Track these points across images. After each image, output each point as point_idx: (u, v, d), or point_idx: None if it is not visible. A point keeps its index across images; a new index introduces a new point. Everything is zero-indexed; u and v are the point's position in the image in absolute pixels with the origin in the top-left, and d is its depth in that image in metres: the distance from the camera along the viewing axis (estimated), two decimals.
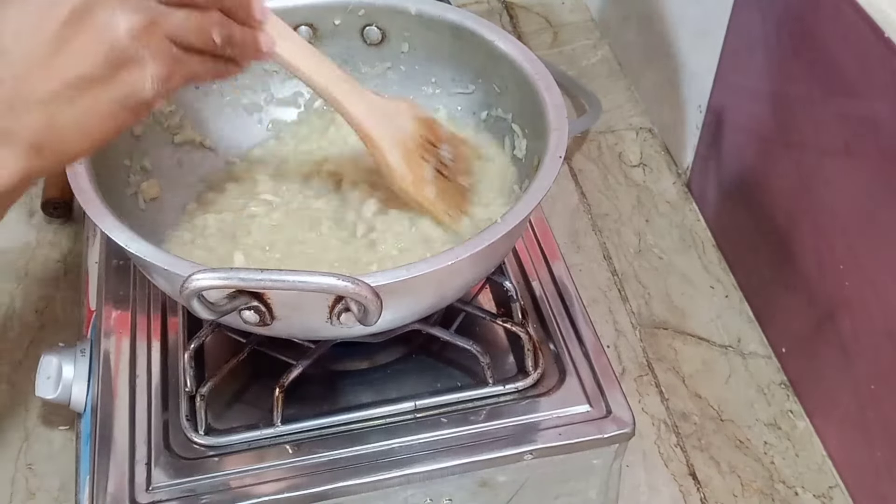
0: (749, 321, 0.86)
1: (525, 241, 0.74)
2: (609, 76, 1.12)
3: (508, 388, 0.65)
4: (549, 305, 0.70)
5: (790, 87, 0.75)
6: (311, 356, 0.63)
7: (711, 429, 0.79)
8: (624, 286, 0.89)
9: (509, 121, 0.70)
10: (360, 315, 0.52)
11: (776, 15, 0.76)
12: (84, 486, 0.61)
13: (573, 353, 0.67)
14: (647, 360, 0.83)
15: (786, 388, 0.81)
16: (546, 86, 0.65)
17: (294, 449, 0.61)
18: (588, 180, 1.00)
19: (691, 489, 0.75)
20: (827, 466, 0.76)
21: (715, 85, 0.89)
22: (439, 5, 0.71)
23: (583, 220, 0.96)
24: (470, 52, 0.71)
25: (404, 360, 0.68)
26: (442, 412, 0.63)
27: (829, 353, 0.75)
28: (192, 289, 0.49)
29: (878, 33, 0.62)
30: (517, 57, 0.68)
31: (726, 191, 0.91)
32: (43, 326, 0.84)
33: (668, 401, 0.81)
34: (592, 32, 1.19)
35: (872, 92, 0.65)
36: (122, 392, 0.64)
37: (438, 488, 0.62)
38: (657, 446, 0.78)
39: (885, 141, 0.64)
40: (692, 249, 0.93)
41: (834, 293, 0.72)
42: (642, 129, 1.05)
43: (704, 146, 0.94)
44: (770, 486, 0.75)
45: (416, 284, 0.54)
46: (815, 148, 0.73)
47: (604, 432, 0.62)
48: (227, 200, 0.70)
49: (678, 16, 0.96)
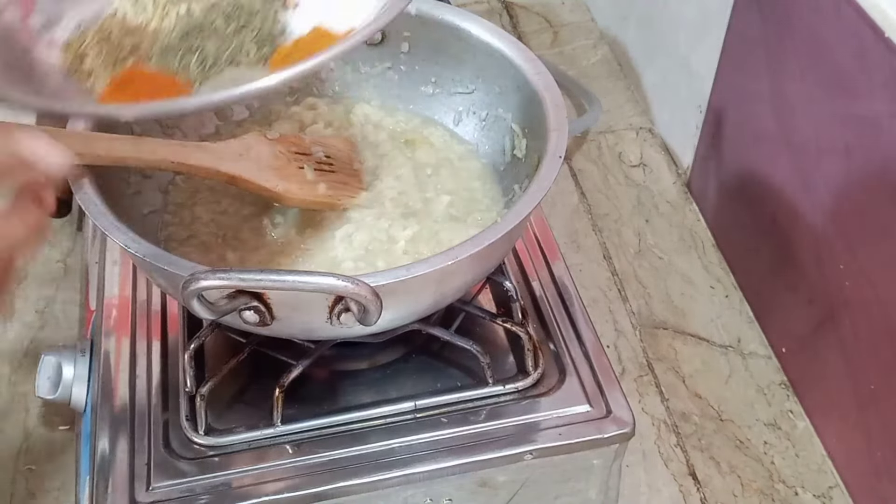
0: (749, 321, 0.86)
1: (525, 241, 0.74)
2: (609, 76, 1.12)
3: (508, 388, 0.65)
4: (549, 305, 0.70)
5: (790, 87, 0.75)
6: (311, 356, 0.63)
7: (711, 429, 0.79)
8: (624, 286, 0.89)
9: (509, 121, 0.70)
10: (360, 315, 0.52)
11: (776, 15, 0.76)
12: (84, 486, 0.61)
13: (573, 353, 0.67)
14: (647, 360, 0.83)
15: (786, 388, 0.81)
16: (546, 86, 0.65)
17: (294, 449, 0.61)
18: (588, 180, 1.00)
19: (691, 489, 0.75)
20: (827, 466, 0.76)
21: (715, 85, 0.89)
22: (439, 5, 0.71)
23: (583, 220, 0.96)
24: (470, 52, 0.70)
25: (404, 360, 0.68)
26: (442, 412, 0.63)
27: (829, 353, 0.75)
28: (192, 289, 0.49)
29: (878, 33, 0.62)
30: (517, 57, 0.68)
31: (726, 191, 0.91)
32: (43, 326, 0.84)
33: (668, 401, 0.81)
34: (592, 32, 1.19)
35: (872, 92, 0.65)
36: (122, 392, 0.64)
37: (438, 488, 0.62)
38: (657, 446, 0.78)
39: (885, 141, 0.64)
40: (692, 249, 0.93)
41: (834, 293, 0.72)
42: (642, 129, 1.05)
43: (704, 146, 0.94)
44: (770, 486, 0.75)
45: (416, 284, 0.54)
46: (815, 148, 0.73)
47: (604, 432, 0.62)
48: (227, 200, 0.70)
49: (678, 16, 0.96)
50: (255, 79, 0.51)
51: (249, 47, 0.57)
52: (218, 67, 0.56)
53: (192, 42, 0.57)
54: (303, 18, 0.58)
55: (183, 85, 0.56)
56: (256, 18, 0.58)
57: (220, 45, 0.56)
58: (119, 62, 0.56)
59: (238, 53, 0.56)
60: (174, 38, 0.57)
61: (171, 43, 0.57)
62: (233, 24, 0.57)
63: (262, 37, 0.57)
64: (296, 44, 0.58)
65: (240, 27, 0.57)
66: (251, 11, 0.58)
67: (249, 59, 0.56)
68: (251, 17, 0.58)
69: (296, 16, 0.58)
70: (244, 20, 0.58)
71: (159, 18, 0.58)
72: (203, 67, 0.56)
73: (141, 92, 0.55)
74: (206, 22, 0.58)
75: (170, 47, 0.57)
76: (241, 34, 0.57)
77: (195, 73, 0.56)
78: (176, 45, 0.57)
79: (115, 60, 0.56)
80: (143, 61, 0.56)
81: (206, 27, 0.58)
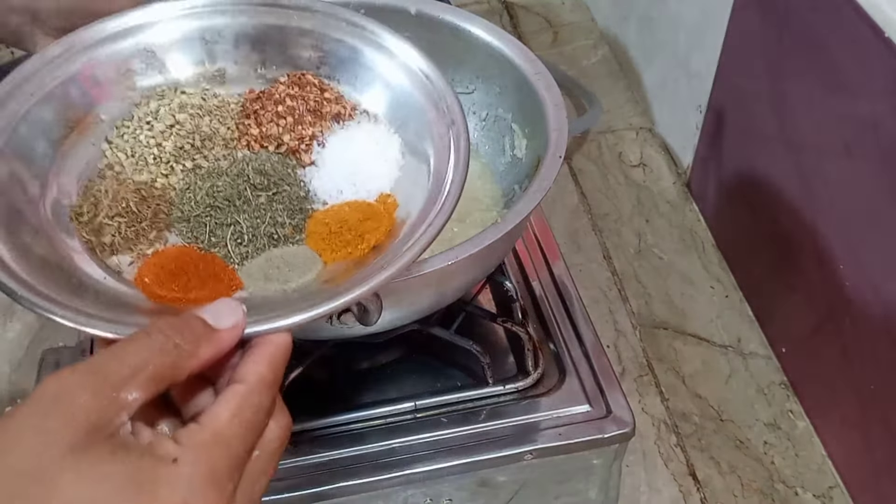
0: (749, 321, 0.86)
1: (525, 241, 0.74)
2: (609, 76, 1.12)
3: (508, 388, 0.65)
4: (549, 305, 0.70)
5: (790, 87, 0.75)
6: (312, 356, 0.63)
7: (711, 429, 0.79)
8: (624, 286, 0.89)
9: (509, 121, 0.70)
10: (360, 315, 0.52)
11: (776, 15, 0.76)
12: None
13: (573, 353, 0.67)
14: (647, 360, 0.83)
15: (786, 388, 0.81)
16: (546, 86, 0.65)
17: (294, 448, 0.61)
18: (588, 180, 1.00)
19: (691, 489, 0.75)
20: (827, 466, 0.76)
21: (715, 85, 0.89)
22: (439, 5, 0.71)
23: (583, 220, 0.96)
24: (470, 52, 0.71)
25: (404, 360, 0.68)
26: (442, 412, 0.63)
27: (829, 353, 0.75)
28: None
29: (878, 33, 0.62)
30: (517, 57, 0.68)
31: (726, 191, 0.91)
32: (43, 326, 0.84)
33: (668, 401, 0.81)
34: (592, 32, 1.19)
35: (872, 92, 0.65)
36: None
37: (438, 488, 0.62)
38: (657, 446, 0.78)
39: (885, 141, 0.64)
40: (692, 249, 0.93)
41: (834, 293, 0.72)
42: (642, 129, 1.05)
43: (704, 146, 0.94)
44: (770, 486, 0.75)
45: (416, 284, 0.54)
46: (815, 148, 0.73)
47: (604, 432, 0.62)
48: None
49: (678, 16, 0.96)
50: (300, 260, 0.50)
51: (283, 218, 0.53)
52: (256, 244, 0.52)
53: (223, 216, 0.52)
54: (325, 178, 0.56)
55: (223, 267, 0.51)
56: (284, 184, 0.54)
57: (254, 218, 0.52)
58: (142, 235, 0.52)
59: (273, 226, 0.52)
60: (199, 208, 0.53)
61: (197, 214, 0.53)
62: (264, 194, 0.54)
63: (292, 204, 0.54)
64: (327, 212, 0.54)
65: (271, 197, 0.54)
66: (278, 176, 0.55)
67: (285, 232, 0.52)
68: (279, 182, 0.54)
69: (317, 176, 0.56)
70: (273, 187, 0.54)
71: (164, 175, 0.55)
72: (240, 244, 0.52)
73: (183, 279, 0.49)
74: (232, 193, 0.53)
75: (197, 220, 0.52)
76: (272, 204, 0.53)
77: (234, 252, 0.51)
78: (203, 218, 0.52)
79: (137, 233, 0.51)
80: (166, 230, 0.52)
81: (232, 198, 0.53)
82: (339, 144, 0.57)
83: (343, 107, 0.58)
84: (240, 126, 0.58)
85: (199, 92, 0.59)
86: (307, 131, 0.57)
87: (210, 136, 0.57)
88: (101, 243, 0.51)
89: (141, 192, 0.53)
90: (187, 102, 0.57)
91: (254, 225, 0.52)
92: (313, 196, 0.55)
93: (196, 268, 0.50)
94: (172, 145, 0.55)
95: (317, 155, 0.57)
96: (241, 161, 0.56)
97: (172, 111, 0.57)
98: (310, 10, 0.59)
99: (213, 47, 0.59)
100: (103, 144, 0.55)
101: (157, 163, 0.55)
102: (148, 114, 0.56)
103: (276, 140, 0.57)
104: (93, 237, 0.51)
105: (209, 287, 0.49)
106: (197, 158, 0.55)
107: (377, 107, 0.59)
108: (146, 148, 0.55)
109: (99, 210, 0.52)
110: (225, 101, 0.59)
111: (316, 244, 0.52)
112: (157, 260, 0.51)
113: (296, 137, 0.57)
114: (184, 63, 0.59)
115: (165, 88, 0.58)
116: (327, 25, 0.59)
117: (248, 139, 0.57)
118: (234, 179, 0.54)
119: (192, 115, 0.57)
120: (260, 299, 0.48)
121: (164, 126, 0.56)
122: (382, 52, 0.58)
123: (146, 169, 0.55)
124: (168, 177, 0.55)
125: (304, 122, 0.57)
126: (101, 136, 0.55)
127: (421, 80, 0.57)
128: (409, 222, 0.51)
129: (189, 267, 0.50)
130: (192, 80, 0.59)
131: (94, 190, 0.53)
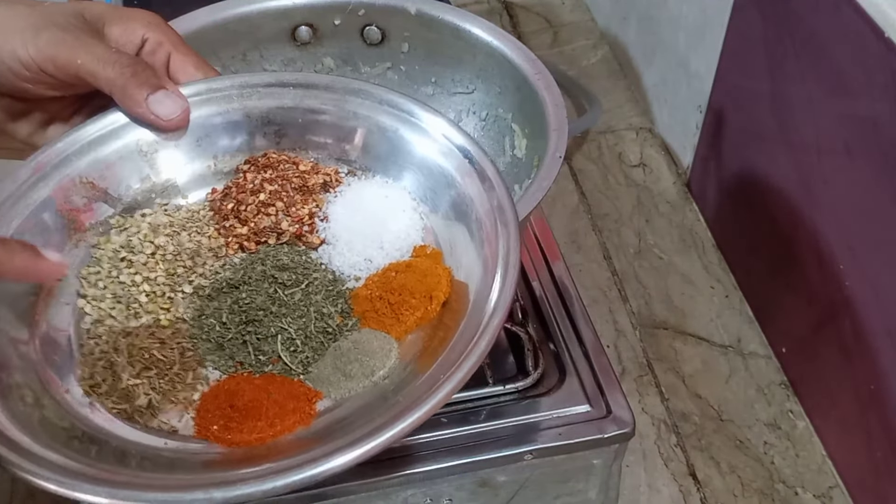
0: (749, 321, 0.86)
1: (525, 241, 0.74)
2: (609, 76, 1.12)
3: (508, 388, 0.65)
4: (549, 305, 0.70)
5: (790, 87, 0.75)
6: None
7: (711, 429, 0.79)
8: (624, 286, 0.89)
9: (509, 121, 0.70)
10: None
11: (776, 15, 0.76)
12: None
13: (573, 353, 0.67)
14: (647, 360, 0.83)
15: (786, 388, 0.81)
16: (546, 86, 0.65)
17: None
18: (588, 180, 1.00)
19: (691, 489, 0.75)
20: (827, 466, 0.76)
21: (715, 85, 0.89)
22: (439, 5, 0.71)
23: (583, 220, 0.96)
24: (470, 52, 0.71)
25: None
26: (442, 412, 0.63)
27: (829, 353, 0.75)
28: None
29: (878, 33, 0.62)
30: (517, 57, 0.68)
31: (726, 191, 0.91)
32: None
33: (668, 401, 0.81)
34: (592, 32, 1.19)
35: (872, 92, 0.65)
36: None
37: (438, 488, 0.62)
38: (657, 446, 0.78)
39: (885, 141, 0.64)
40: (692, 249, 0.93)
41: (834, 293, 0.72)
42: (642, 129, 1.05)
43: (704, 146, 0.94)
44: (770, 486, 0.75)
45: None
46: (815, 148, 0.73)
47: (604, 432, 0.62)
48: None
49: (678, 16, 0.96)
50: (373, 345, 0.46)
51: (328, 308, 0.48)
52: (311, 345, 0.47)
53: (264, 328, 0.47)
54: (345, 252, 0.51)
55: (291, 382, 0.46)
56: (311, 272, 0.50)
57: (298, 318, 0.48)
58: (178, 382, 0.46)
59: (322, 320, 0.48)
60: (230, 330, 0.48)
61: (230, 336, 0.48)
62: (297, 290, 0.49)
63: (328, 291, 0.49)
64: (369, 285, 0.50)
65: (305, 290, 0.49)
66: (302, 266, 0.50)
67: (336, 322, 0.48)
68: (307, 272, 0.50)
69: (336, 254, 0.51)
70: (303, 279, 0.49)
71: (164, 310, 0.49)
72: (294, 351, 0.47)
73: (257, 413, 0.44)
74: (264, 300, 0.48)
75: (233, 343, 0.48)
76: (309, 297, 0.49)
77: (292, 362, 0.47)
78: (241, 338, 0.48)
79: (173, 382, 0.46)
80: (199, 366, 0.47)
81: (266, 305, 0.48)
82: (344, 212, 0.53)
83: (326, 174, 0.54)
84: (221, 231, 0.52)
85: (159, 209, 0.53)
86: (303, 211, 0.52)
87: (197, 251, 0.51)
88: (137, 408, 0.44)
89: (154, 335, 0.47)
90: (156, 223, 0.51)
91: (302, 326, 0.48)
92: (341, 275, 0.51)
93: (267, 395, 0.44)
94: (164, 274, 0.49)
95: (324, 232, 0.52)
96: (253, 264, 0.50)
97: (147, 238, 0.51)
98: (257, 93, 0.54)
99: (153, 157, 0.53)
100: (78, 301, 0.48)
101: (153, 299, 0.49)
102: (117, 251, 0.50)
103: (275, 230, 0.52)
104: (125, 404, 0.44)
105: (290, 409, 0.44)
106: (194, 279, 0.50)
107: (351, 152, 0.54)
108: (133, 288, 0.49)
109: (118, 373, 0.45)
110: (190, 210, 0.53)
111: (377, 323, 0.48)
112: (214, 403, 0.45)
113: (295, 221, 0.52)
114: (127, 183, 0.52)
115: (118, 217, 0.51)
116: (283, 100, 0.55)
117: (237, 241, 0.52)
118: (257, 285, 0.49)
119: (168, 234, 0.51)
120: (358, 408, 0.44)
121: (145, 257, 0.50)
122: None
123: (142, 311, 0.48)
124: (170, 310, 0.49)
125: (296, 203, 0.53)
126: (70, 293, 0.48)
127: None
128: (473, 279, 0.47)
129: (257, 397, 0.44)
130: (143, 200, 0.52)
131: (96, 353, 0.46)
